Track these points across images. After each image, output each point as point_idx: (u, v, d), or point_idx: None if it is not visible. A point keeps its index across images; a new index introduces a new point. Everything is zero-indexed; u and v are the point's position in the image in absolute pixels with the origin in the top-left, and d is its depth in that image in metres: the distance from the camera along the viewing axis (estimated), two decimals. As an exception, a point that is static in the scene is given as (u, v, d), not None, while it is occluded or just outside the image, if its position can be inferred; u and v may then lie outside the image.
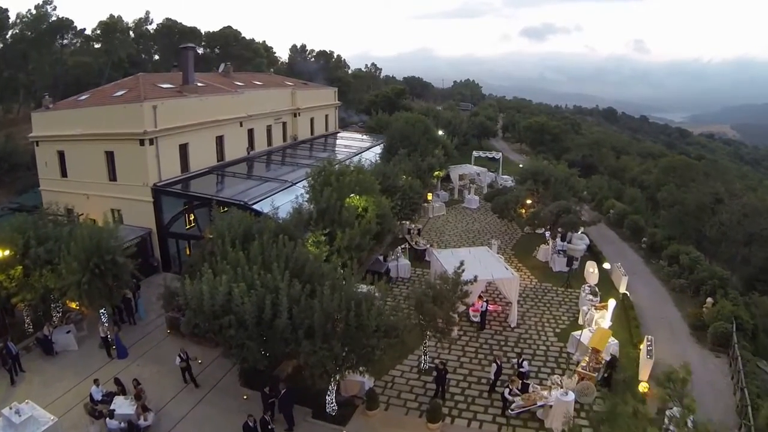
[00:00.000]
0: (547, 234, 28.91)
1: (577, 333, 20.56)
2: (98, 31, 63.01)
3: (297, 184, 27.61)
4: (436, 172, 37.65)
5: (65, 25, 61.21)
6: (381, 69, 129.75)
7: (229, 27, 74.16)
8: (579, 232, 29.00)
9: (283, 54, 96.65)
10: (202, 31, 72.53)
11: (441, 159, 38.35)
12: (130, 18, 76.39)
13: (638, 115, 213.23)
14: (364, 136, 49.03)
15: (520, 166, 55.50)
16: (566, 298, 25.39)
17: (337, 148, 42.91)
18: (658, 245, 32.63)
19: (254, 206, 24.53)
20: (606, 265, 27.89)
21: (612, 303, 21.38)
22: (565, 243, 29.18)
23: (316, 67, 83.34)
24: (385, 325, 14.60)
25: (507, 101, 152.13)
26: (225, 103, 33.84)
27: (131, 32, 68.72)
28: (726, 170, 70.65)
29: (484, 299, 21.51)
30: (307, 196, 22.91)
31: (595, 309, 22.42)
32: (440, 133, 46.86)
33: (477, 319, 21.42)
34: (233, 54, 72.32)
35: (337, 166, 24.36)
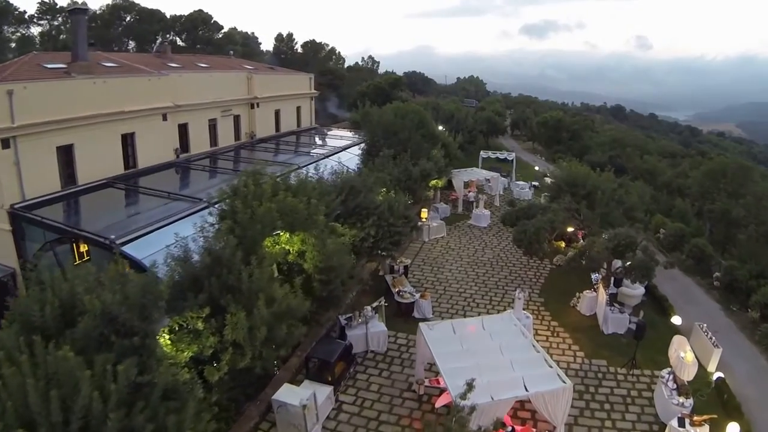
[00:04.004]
0: (595, 276, 19.55)
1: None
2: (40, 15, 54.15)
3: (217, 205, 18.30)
4: (433, 181, 28.20)
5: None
6: (379, 62, 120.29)
7: (200, 11, 64.96)
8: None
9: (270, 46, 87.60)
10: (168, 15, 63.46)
11: (440, 162, 28.99)
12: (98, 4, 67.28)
13: (645, 113, 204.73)
14: (347, 133, 39.66)
15: (536, 168, 46.41)
16: (633, 387, 15.93)
17: (306, 149, 33.48)
18: (741, 285, 23.29)
19: (126, 247, 15.26)
20: (676, 320, 18.65)
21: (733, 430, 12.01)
22: (617, 288, 19.86)
23: (305, 58, 74.36)
24: None
25: (513, 97, 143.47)
26: (138, 88, 24.57)
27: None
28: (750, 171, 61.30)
29: (509, 428, 12.02)
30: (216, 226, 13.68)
31: (691, 425, 13.15)
32: (440, 128, 37.52)
33: (495, 462, 11.99)
34: (203, 40, 63.45)
35: (270, 179, 14.96)
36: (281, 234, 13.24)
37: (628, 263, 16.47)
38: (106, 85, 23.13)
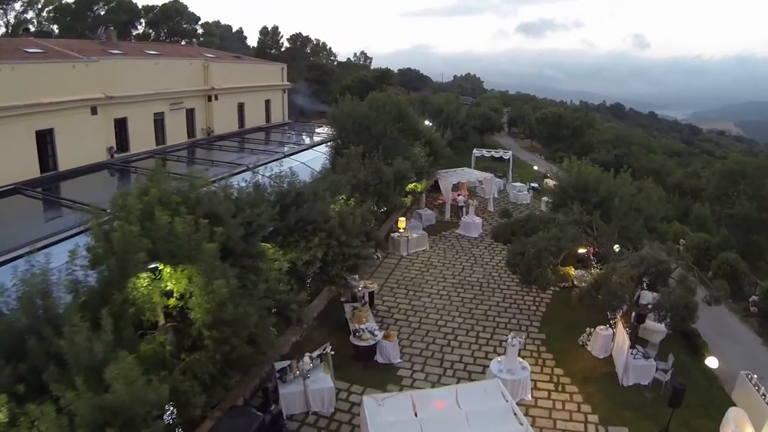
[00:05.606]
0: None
1: None
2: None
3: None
4: (411, 185, 24.01)
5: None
6: (371, 59, 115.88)
7: (175, 1, 60.64)
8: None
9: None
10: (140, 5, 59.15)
11: (420, 161, 24.82)
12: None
13: (644, 111, 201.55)
14: (322, 129, 35.41)
15: (535, 168, 42.31)
16: (667, 468, 11.83)
17: (267, 147, 29.02)
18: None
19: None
20: (712, 362, 14.57)
21: None
22: (640, 324, 15.68)
23: (292, 53, 70.22)
24: None
25: (511, 95, 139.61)
26: (58, 76, 20.36)
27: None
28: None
29: None
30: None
31: None
32: (427, 123, 33.35)
33: None
34: (177, 32, 59.35)
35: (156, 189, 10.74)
36: (164, 268, 9.10)
37: (659, 299, 12.27)
38: (15, 73, 18.95)
